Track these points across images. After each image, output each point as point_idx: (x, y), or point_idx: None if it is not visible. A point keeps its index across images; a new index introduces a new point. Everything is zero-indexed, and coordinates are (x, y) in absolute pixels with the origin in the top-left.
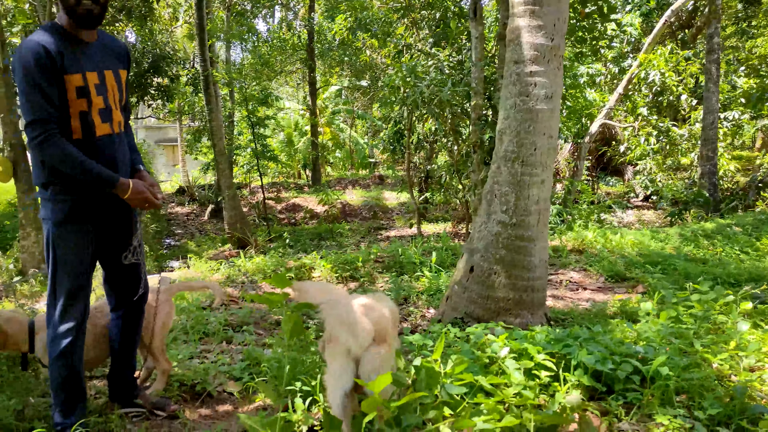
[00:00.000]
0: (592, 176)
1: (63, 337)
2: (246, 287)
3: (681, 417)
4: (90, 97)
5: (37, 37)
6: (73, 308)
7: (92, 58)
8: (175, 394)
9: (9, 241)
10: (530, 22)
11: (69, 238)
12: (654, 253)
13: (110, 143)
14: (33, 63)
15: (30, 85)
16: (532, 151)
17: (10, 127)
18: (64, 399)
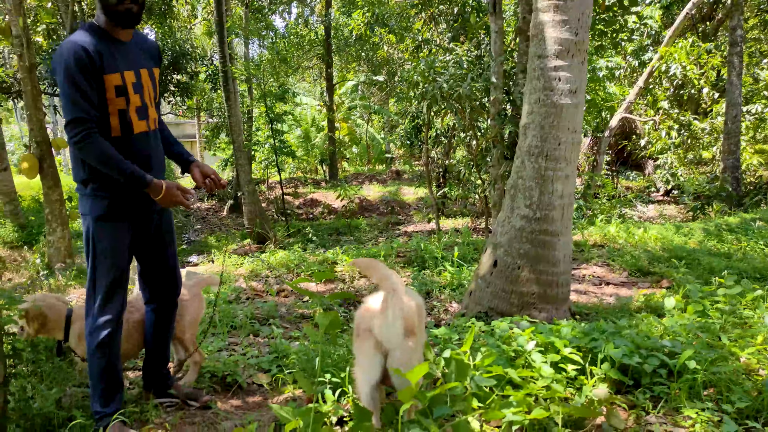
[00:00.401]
0: (612, 170)
1: (102, 329)
2: (270, 281)
3: (709, 410)
4: (128, 95)
5: (77, 38)
6: (112, 301)
7: (129, 57)
8: (207, 386)
9: (35, 237)
10: (554, 17)
11: (108, 233)
12: (677, 247)
13: (146, 140)
14: (74, 64)
15: (71, 85)
16: (556, 145)
17: (36, 124)
18: (102, 389)
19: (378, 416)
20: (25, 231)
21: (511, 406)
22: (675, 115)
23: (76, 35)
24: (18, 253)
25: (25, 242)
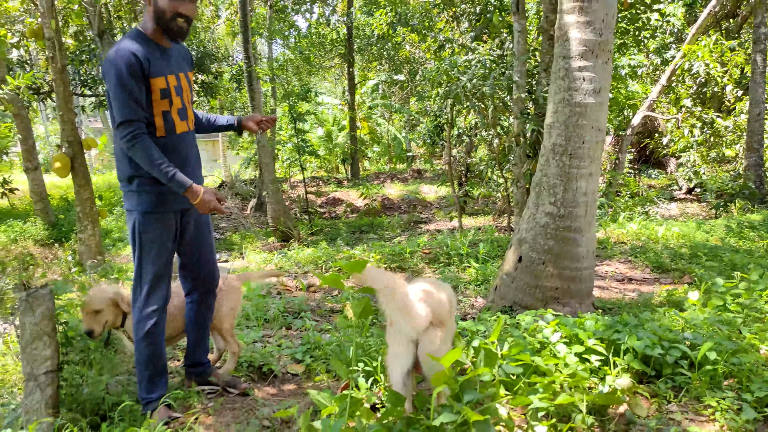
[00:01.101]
0: (635, 169)
1: (148, 319)
2: (298, 277)
3: (729, 399)
4: (171, 97)
5: (127, 45)
6: (157, 292)
7: (171, 62)
8: (244, 374)
9: (65, 234)
10: (579, 18)
11: (154, 227)
12: (699, 244)
13: (187, 140)
14: (125, 69)
15: (123, 89)
16: (580, 144)
17: (68, 124)
18: (148, 376)
19: (410, 401)
20: (55, 229)
21: (537, 393)
22: (698, 113)
23: (124, 42)
24: (49, 250)
25: (55, 240)
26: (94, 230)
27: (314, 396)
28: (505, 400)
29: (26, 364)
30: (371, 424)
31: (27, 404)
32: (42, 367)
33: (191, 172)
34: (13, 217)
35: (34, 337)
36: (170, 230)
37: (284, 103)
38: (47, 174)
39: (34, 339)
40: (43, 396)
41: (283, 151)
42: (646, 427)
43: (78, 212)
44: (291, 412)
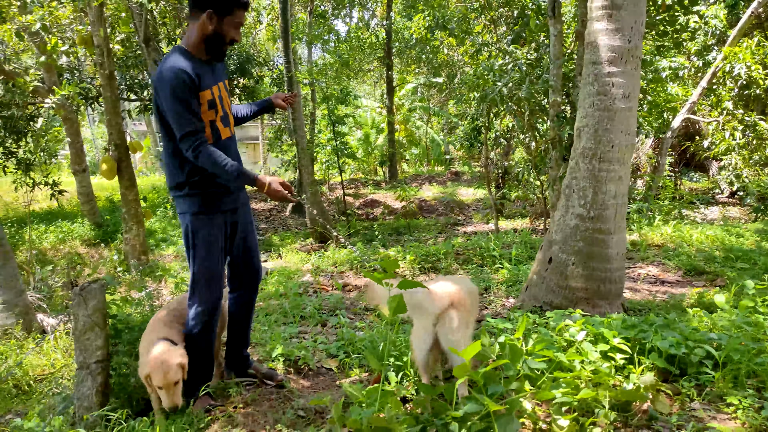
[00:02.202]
0: (675, 172)
1: (203, 315)
2: (334, 277)
3: (750, 397)
4: (216, 107)
5: (177, 63)
6: (211, 290)
7: (212, 74)
8: (281, 368)
9: (110, 235)
10: (607, 26)
11: (206, 227)
12: (734, 248)
13: (231, 144)
14: (181, 85)
15: (180, 103)
16: (610, 148)
17: (115, 128)
18: (195, 368)
19: (428, 377)
20: (101, 229)
21: (560, 387)
22: (740, 116)
23: (175, 60)
24: (95, 250)
25: (101, 240)
26: (139, 230)
27: (347, 388)
28: (529, 394)
29: (79, 353)
30: (399, 413)
31: (79, 391)
32: (93, 356)
33: None
34: (62, 217)
35: (86, 329)
36: (220, 230)
37: (323, 106)
38: (94, 176)
39: (87, 330)
40: (94, 384)
41: (321, 154)
42: (668, 423)
43: (123, 213)
44: (324, 401)
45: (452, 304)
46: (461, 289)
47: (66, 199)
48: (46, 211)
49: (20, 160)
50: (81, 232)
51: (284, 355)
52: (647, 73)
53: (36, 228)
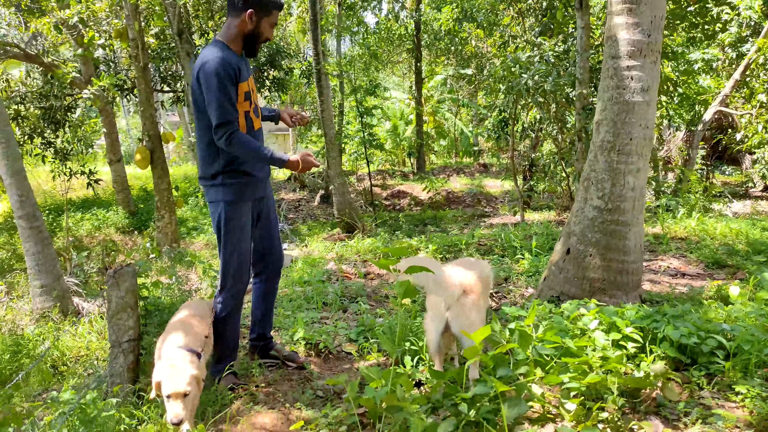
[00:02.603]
0: (707, 165)
1: (232, 300)
2: (357, 265)
3: (759, 386)
4: (251, 99)
5: (220, 54)
6: (240, 276)
7: (246, 68)
8: (303, 351)
9: (143, 223)
10: (627, 20)
11: (237, 215)
12: (757, 241)
13: (260, 135)
14: (224, 75)
15: (222, 94)
16: (628, 140)
17: (148, 119)
18: (221, 350)
19: (441, 361)
20: (135, 217)
21: (568, 372)
22: None
23: (218, 51)
24: (129, 237)
25: (135, 228)
26: (171, 219)
27: (363, 370)
28: (538, 378)
29: (112, 332)
30: (411, 394)
31: (112, 368)
32: (125, 335)
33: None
34: (97, 206)
35: (119, 309)
36: (249, 218)
37: (352, 97)
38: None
39: (119, 311)
40: (126, 361)
41: (350, 145)
42: (675, 410)
43: (156, 202)
44: (340, 381)
45: (464, 290)
46: (474, 273)
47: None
48: (82, 200)
49: (58, 149)
50: (115, 220)
51: (306, 339)
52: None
53: (72, 216)
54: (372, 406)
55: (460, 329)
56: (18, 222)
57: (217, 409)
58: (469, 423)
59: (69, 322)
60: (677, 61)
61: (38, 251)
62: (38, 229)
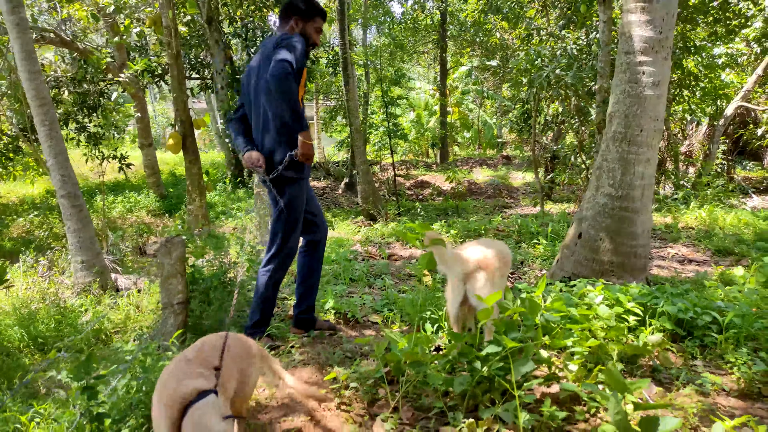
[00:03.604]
0: (728, 160)
1: (276, 273)
2: (382, 246)
3: (746, 356)
4: (304, 88)
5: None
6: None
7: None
8: (333, 319)
9: (174, 206)
10: (640, 17)
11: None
12: (764, 231)
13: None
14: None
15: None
16: (639, 132)
17: (181, 105)
18: (260, 315)
19: (459, 328)
20: (165, 201)
21: (571, 337)
22: None
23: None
24: (160, 219)
25: (165, 211)
26: (201, 202)
27: (388, 334)
28: (544, 343)
29: (164, 295)
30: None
31: (163, 327)
32: (176, 298)
33: None
34: (128, 189)
35: (170, 275)
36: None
37: (377, 87)
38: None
39: (170, 276)
40: (176, 321)
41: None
42: (669, 375)
43: (188, 185)
44: (367, 340)
45: (479, 265)
46: (490, 251)
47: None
48: (113, 183)
49: (91, 134)
50: (146, 203)
51: (335, 309)
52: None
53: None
54: (396, 362)
55: (477, 305)
56: (60, 201)
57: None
58: (482, 378)
59: (108, 295)
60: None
61: (79, 228)
62: (79, 207)
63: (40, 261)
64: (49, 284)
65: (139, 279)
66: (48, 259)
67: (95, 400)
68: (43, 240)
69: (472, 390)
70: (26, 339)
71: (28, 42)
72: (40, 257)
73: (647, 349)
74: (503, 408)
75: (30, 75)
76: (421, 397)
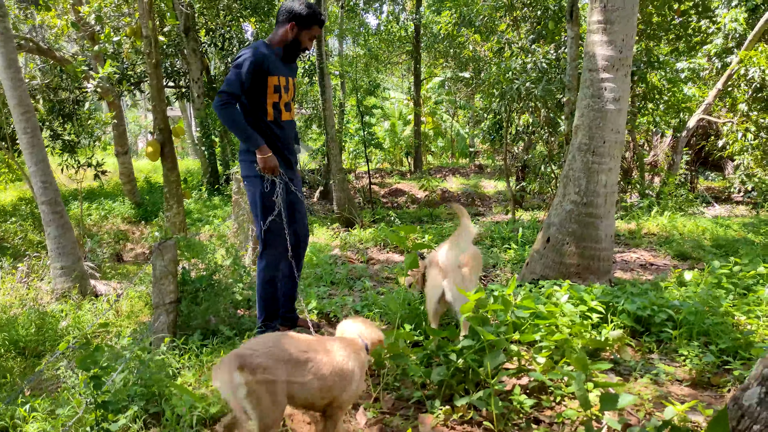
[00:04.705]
0: (692, 170)
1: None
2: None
3: (698, 349)
4: (281, 93)
5: (260, 47)
6: (275, 246)
7: (285, 68)
8: (315, 318)
9: (149, 214)
10: (602, 38)
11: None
12: (721, 237)
13: (289, 126)
14: (250, 59)
15: (237, 70)
16: (602, 143)
17: (159, 114)
18: (265, 308)
19: (436, 324)
20: (141, 208)
21: (539, 332)
22: (754, 117)
23: (258, 44)
24: (136, 227)
25: (141, 218)
26: (179, 209)
27: None
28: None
29: (156, 295)
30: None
31: (155, 326)
32: (167, 297)
33: (291, 151)
34: (103, 196)
35: (162, 276)
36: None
37: (352, 97)
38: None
39: (162, 277)
40: (167, 320)
41: (350, 143)
42: (627, 366)
43: (165, 192)
44: None
45: (460, 264)
46: (468, 253)
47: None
48: (88, 191)
49: (66, 142)
50: (122, 210)
51: (318, 309)
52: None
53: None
54: (378, 355)
55: (457, 300)
56: (41, 207)
57: None
58: (457, 370)
59: (87, 301)
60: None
61: (59, 235)
62: (60, 214)
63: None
64: (28, 290)
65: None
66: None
67: (99, 390)
68: (17, 247)
69: (449, 381)
70: (7, 344)
71: (11, 50)
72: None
73: (608, 344)
74: (477, 396)
75: (13, 83)
76: (401, 388)
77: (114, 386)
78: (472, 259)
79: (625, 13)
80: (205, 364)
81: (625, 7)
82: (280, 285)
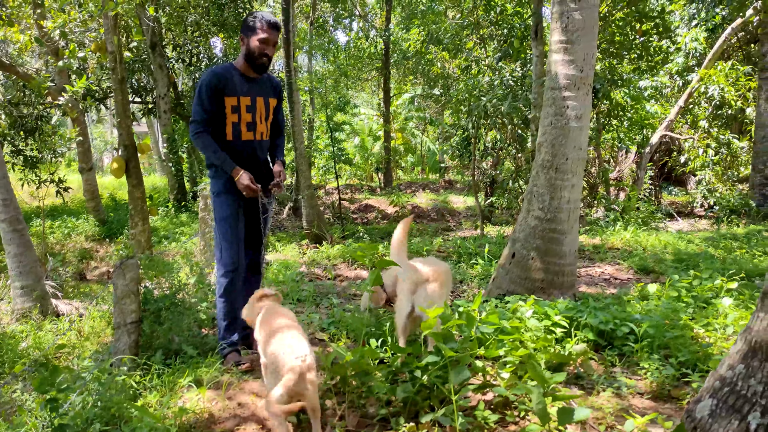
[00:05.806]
0: (656, 185)
1: (223, 279)
2: (328, 268)
3: (658, 362)
4: (240, 113)
5: (215, 69)
6: (230, 258)
7: (251, 88)
8: None
9: (114, 232)
10: (563, 57)
11: (226, 205)
12: (682, 252)
13: (251, 146)
14: (205, 84)
15: (198, 97)
16: (564, 160)
17: (125, 130)
18: (226, 325)
19: (404, 340)
20: (105, 226)
21: (504, 347)
22: (714, 134)
23: (215, 67)
24: (100, 245)
25: (106, 236)
26: (144, 227)
27: (335, 348)
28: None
29: (117, 315)
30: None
31: (116, 347)
32: (129, 317)
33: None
34: (66, 214)
35: (124, 295)
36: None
37: (322, 113)
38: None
39: (124, 296)
40: (129, 340)
41: (319, 159)
42: (591, 380)
43: (130, 210)
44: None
45: (427, 278)
46: (437, 268)
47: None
48: (51, 208)
49: (27, 158)
50: (86, 228)
51: None
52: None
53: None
54: (343, 373)
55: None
56: (1, 226)
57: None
58: (422, 387)
59: (49, 321)
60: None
61: (20, 253)
62: (20, 232)
63: None
64: None
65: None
66: None
67: (57, 413)
68: None
69: (414, 397)
70: None
71: None
72: None
73: (572, 358)
74: (442, 413)
75: None
76: (366, 406)
77: (72, 409)
78: (442, 275)
79: (585, 33)
80: (167, 385)
81: (585, 27)
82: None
